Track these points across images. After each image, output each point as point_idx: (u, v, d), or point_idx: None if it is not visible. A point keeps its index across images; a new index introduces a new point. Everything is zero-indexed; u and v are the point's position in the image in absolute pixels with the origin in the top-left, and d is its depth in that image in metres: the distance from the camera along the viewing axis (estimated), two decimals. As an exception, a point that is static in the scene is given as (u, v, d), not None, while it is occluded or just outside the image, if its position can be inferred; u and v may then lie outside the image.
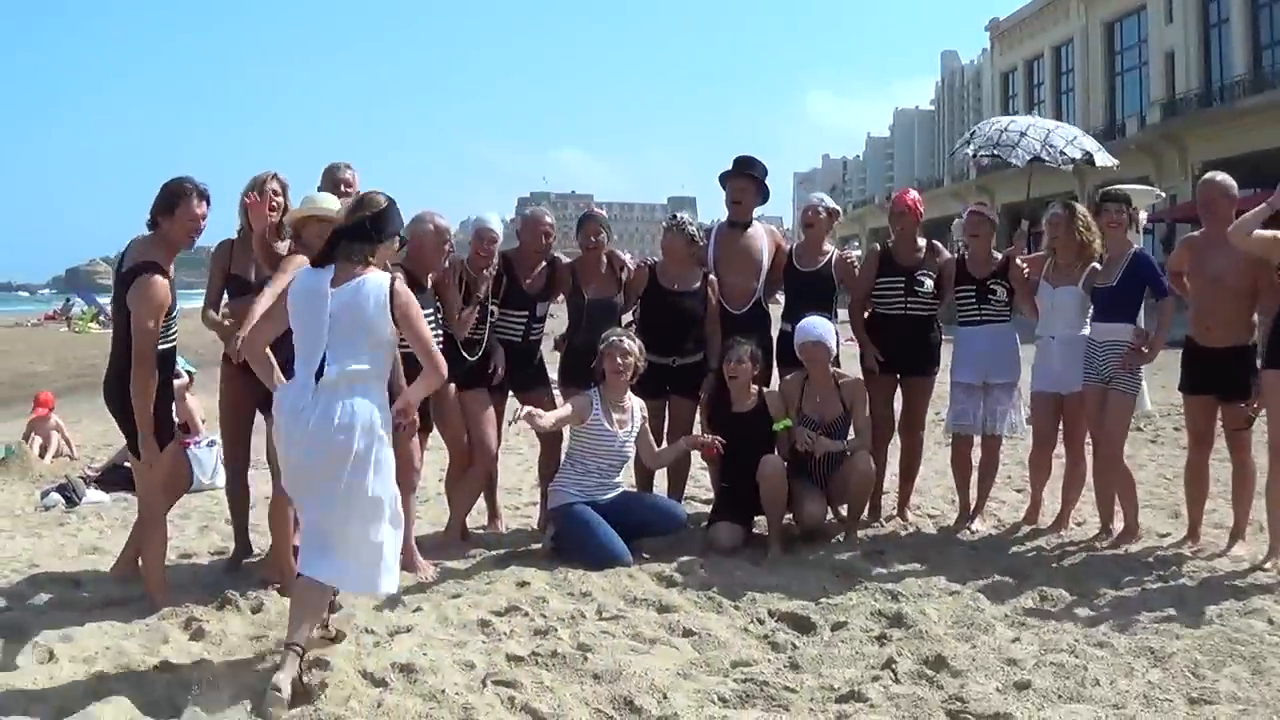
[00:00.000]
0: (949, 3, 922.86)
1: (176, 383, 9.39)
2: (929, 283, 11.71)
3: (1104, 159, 12.73)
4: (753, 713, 7.00)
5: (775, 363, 12.13)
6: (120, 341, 8.64)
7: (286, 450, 7.65)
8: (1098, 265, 11.08)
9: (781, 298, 12.34)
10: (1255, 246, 9.98)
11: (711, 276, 11.96)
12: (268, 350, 7.85)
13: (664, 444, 11.64)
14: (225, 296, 9.99)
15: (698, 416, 11.95)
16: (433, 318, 10.10)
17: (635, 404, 11.09)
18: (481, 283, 10.93)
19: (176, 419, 9.12)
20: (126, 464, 14.25)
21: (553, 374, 11.93)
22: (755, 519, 11.34)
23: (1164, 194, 40.02)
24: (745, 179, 12.11)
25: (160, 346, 8.63)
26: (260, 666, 7.54)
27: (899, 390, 12.17)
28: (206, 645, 7.93)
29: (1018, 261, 11.62)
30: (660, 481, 12.32)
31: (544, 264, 11.70)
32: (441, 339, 10.21)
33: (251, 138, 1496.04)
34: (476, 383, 11.00)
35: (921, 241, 12.02)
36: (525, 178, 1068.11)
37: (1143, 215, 12.17)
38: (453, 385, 10.55)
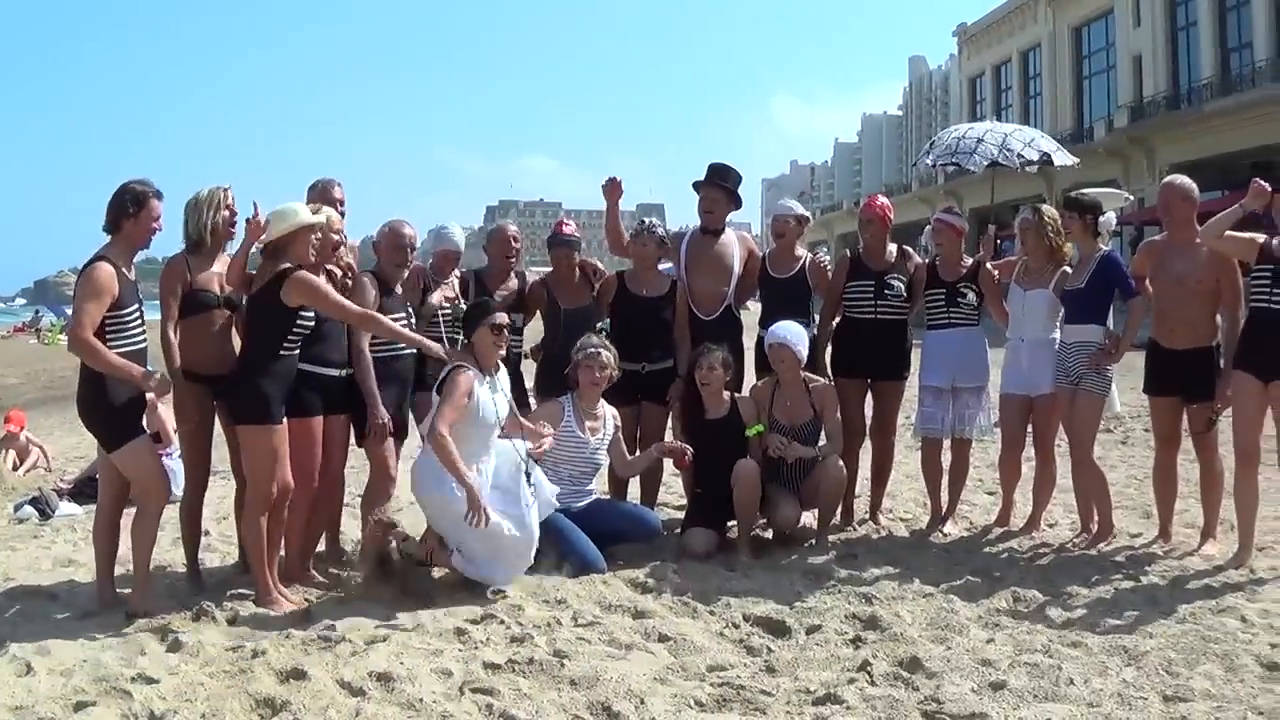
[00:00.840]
0: (916, 8, 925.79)
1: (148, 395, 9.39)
2: (898, 285, 11.74)
3: (1063, 158, 12.84)
4: (730, 716, 7.02)
5: (755, 368, 12.13)
6: None
7: None
8: (1068, 269, 11.14)
9: (752, 304, 12.36)
10: (1228, 248, 10.12)
11: (680, 283, 12.02)
12: None
13: (636, 452, 11.64)
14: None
15: (670, 423, 11.99)
16: (404, 322, 10.16)
17: (608, 412, 11.11)
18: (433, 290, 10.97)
19: (148, 429, 9.12)
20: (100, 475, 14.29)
21: (528, 382, 11.95)
22: (729, 524, 11.34)
23: (1132, 197, 40.15)
24: (717, 189, 12.16)
25: (128, 348, 8.74)
26: (237, 677, 7.51)
27: (870, 394, 12.18)
28: (183, 656, 7.90)
29: (988, 266, 11.68)
30: (634, 489, 12.32)
31: (514, 277, 11.77)
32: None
33: (215, 142, 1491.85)
34: None
35: (892, 247, 12.06)
36: (493, 185, 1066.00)
37: (1111, 216, 12.21)
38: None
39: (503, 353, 10.02)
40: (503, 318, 9.90)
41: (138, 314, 8.88)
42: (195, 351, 9.44)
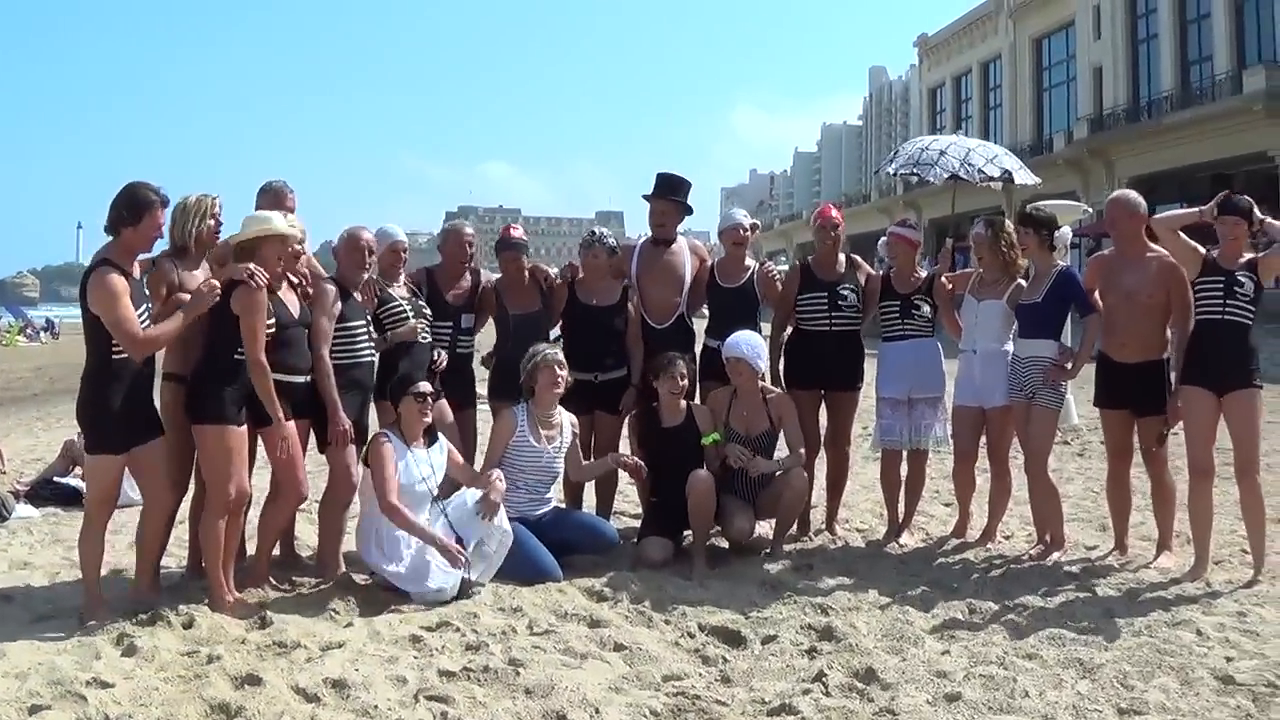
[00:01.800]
0: (878, 19, 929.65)
1: None
2: (851, 295, 11.77)
3: (1024, 177, 12.80)
4: (684, 726, 7.02)
5: (698, 378, 12.05)
6: (92, 347, 8.75)
7: None
8: (1023, 282, 11.20)
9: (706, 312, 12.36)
10: (1174, 246, 10.31)
11: (632, 291, 12.04)
12: None
13: (592, 461, 11.65)
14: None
15: (624, 431, 12.00)
16: (364, 331, 10.16)
17: (565, 419, 11.07)
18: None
19: None
20: (57, 478, 14.18)
21: (481, 389, 11.95)
22: (685, 533, 11.29)
23: (1090, 209, 40.33)
24: (667, 203, 12.20)
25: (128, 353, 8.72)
26: (192, 682, 7.50)
27: (824, 405, 12.19)
28: (138, 661, 7.89)
29: (942, 279, 11.72)
30: (589, 498, 12.33)
31: (468, 276, 11.78)
32: (373, 353, 10.25)
33: (176, 145, 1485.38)
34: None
35: (842, 256, 12.08)
36: (452, 191, 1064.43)
37: (1067, 231, 12.24)
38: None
39: (428, 421, 10.14)
40: (425, 386, 10.10)
41: (145, 314, 8.84)
42: (184, 354, 9.41)
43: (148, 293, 9.07)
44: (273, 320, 9.22)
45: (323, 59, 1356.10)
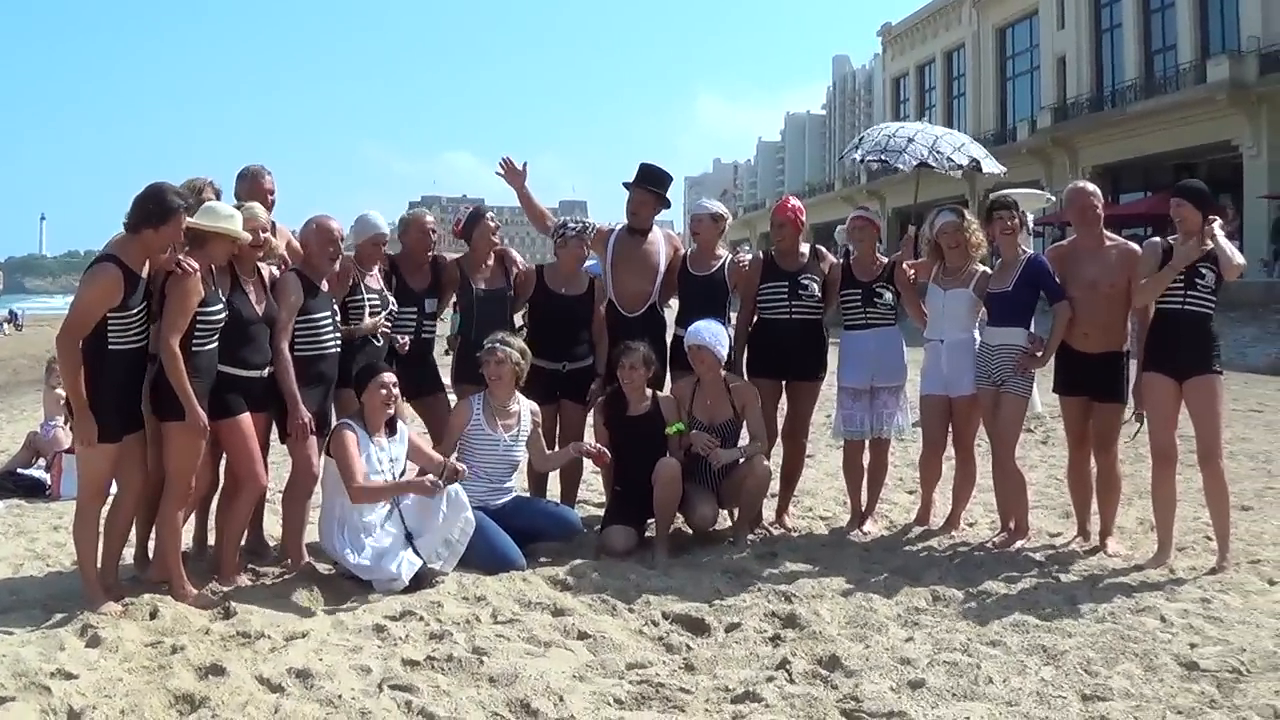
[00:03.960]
0: (841, 8, 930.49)
1: None
2: (813, 285, 11.72)
3: (991, 166, 12.78)
4: (648, 714, 7.04)
5: (669, 367, 12.09)
6: (90, 337, 8.67)
7: None
8: (988, 270, 11.25)
9: (673, 302, 12.34)
10: (1161, 289, 10.18)
11: (599, 281, 12.05)
12: None
13: (556, 450, 11.62)
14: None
15: (590, 420, 11.99)
16: (330, 322, 10.11)
17: (525, 407, 11.08)
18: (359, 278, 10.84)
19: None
20: (20, 470, 14.12)
21: (446, 378, 11.92)
22: (649, 522, 11.31)
23: (1054, 198, 40.44)
24: (646, 192, 12.12)
25: (126, 346, 8.75)
26: (156, 672, 7.48)
27: (785, 395, 12.17)
28: (103, 652, 7.84)
29: (904, 266, 11.74)
30: (553, 487, 12.36)
31: (429, 262, 11.73)
32: (338, 343, 10.21)
33: (142, 136, 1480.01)
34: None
35: (805, 246, 12.08)
36: (416, 181, 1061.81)
37: (1030, 218, 12.24)
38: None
39: (391, 411, 10.11)
40: (390, 377, 10.07)
41: (141, 310, 8.83)
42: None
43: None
44: (214, 308, 9.16)
45: (281, 49, 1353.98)
